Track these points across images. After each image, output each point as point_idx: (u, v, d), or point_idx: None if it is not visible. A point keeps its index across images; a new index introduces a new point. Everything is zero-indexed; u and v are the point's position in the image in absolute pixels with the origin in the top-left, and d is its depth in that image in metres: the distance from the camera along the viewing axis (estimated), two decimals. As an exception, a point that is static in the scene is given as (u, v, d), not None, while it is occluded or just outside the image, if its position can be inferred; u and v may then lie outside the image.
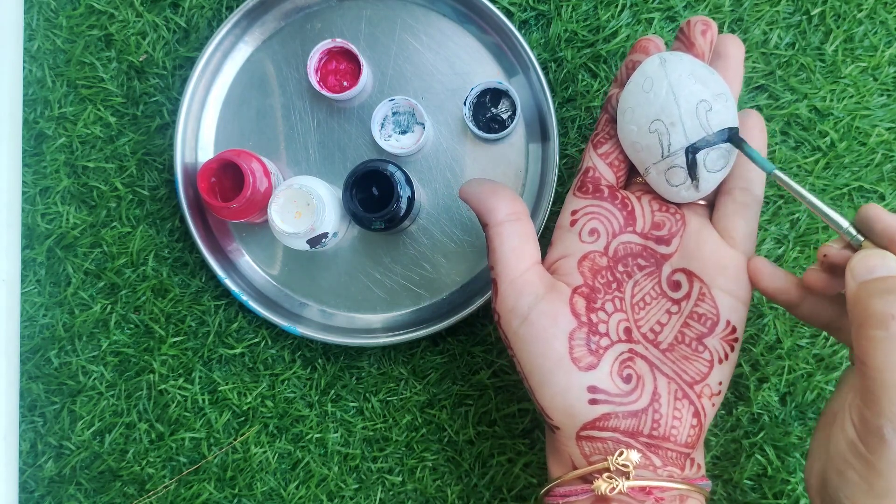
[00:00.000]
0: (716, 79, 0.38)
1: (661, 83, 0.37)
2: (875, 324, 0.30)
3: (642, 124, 0.38)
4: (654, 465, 0.36)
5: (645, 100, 0.38)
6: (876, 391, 0.31)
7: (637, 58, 0.40)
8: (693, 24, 0.39)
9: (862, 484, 0.32)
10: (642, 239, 0.39)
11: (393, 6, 0.50)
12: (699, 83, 0.37)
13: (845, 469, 0.32)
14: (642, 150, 0.38)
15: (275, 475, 0.50)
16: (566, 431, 0.37)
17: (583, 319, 0.37)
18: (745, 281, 0.38)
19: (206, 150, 0.51)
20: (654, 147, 0.38)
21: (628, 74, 0.40)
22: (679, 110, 0.37)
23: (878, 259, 0.32)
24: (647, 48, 0.40)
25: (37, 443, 0.52)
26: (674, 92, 0.37)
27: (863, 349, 0.31)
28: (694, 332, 0.38)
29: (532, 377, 0.37)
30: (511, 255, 0.38)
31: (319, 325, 0.50)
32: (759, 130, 0.40)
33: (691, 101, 0.37)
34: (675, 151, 0.37)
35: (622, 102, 0.39)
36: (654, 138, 0.38)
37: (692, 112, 0.37)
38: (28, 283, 0.52)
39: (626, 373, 0.37)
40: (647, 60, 0.38)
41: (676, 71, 0.37)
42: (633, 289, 0.39)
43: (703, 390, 0.37)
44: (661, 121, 0.37)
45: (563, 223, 0.40)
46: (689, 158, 0.37)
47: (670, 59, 0.38)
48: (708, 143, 0.37)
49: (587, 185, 0.40)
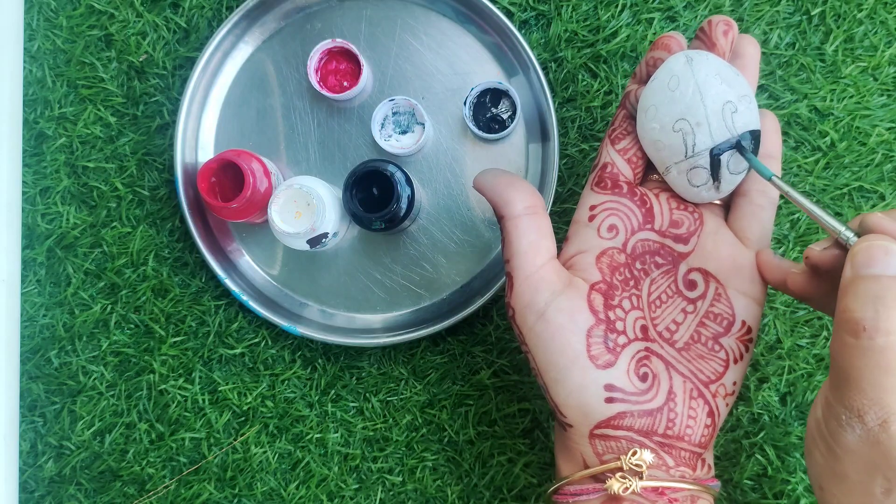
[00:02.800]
0: (740, 80, 0.37)
1: (688, 82, 0.37)
2: (849, 329, 0.30)
3: (666, 123, 0.37)
4: (666, 465, 0.36)
5: (670, 98, 0.37)
6: (840, 382, 0.31)
7: (659, 55, 0.39)
8: (715, 24, 0.39)
9: (825, 465, 0.32)
10: (660, 237, 0.39)
11: (393, 6, 0.50)
12: (725, 84, 0.37)
13: (813, 448, 0.33)
14: (664, 149, 0.38)
15: (275, 475, 0.50)
16: (579, 429, 0.36)
17: (601, 316, 0.37)
18: (760, 282, 0.38)
19: (206, 150, 0.51)
20: (677, 146, 0.37)
21: (649, 71, 0.40)
22: (706, 110, 0.36)
23: (882, 251, 0.30)
24: (669, 45, 0.39)
25: (37, 443, 0.52)
26: (700, 92, 0.36)
27: (835, 347, 0.31)
28: (710, 331, 0.38)
29: (547, 374, 0.37)
30: (528, 249, 0.38)
31: (319, 325, 0.50)
32: (774, 132, 0.40)
33: (718, 101, 0.36)
34: (700, 152, 0.37)
35: (644, 100, 0.38)
36: (678, 137, 0.37)
37: (718, 113, 0.36)
38: (28, 283, 0.52)
39: (642, 371, 0.36)
40: (673, 58, 0.38)
41: (703, 70, 0.37)
42: (650, 287, 0.38)
43: (719, 390, 0.37)
44: (687, 120, 0.37)
45: (580, 218, 0.40)
46: (714, 160, 0.37)
47: (697, 58, 0.37)
48: (732, 146, 0.37)
49: (606, 180, 0.39)
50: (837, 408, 0.31)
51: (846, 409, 0.30)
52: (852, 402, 0.30)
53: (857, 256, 0.31)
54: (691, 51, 0.38)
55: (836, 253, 0.34)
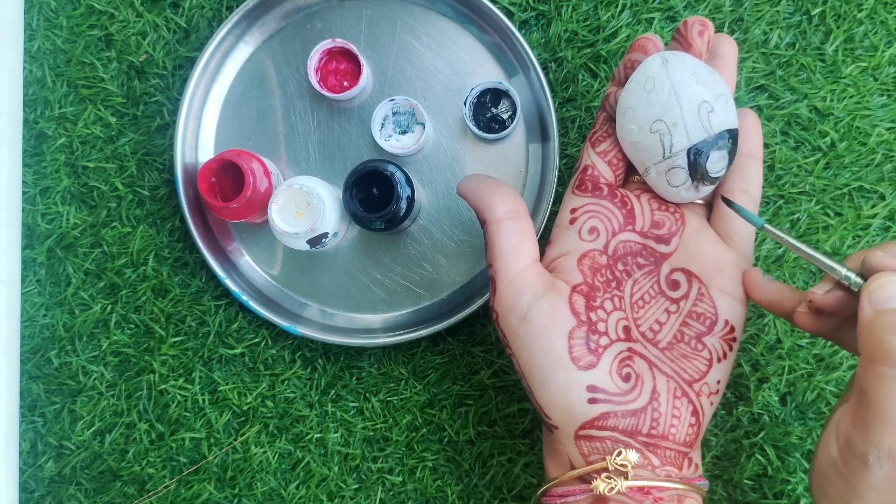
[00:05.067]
0: (716, 79, 0.38)
1: (664, 83, 0.37)
2: (887, 361, 0.30)
3: (643, 124, 0.38)
4: (652, 465, 0.36)
5: (646, 99, 0.38)
6: (870, 420, 0.31)
7: (636, 57, 0.40)
8: (690, 24, 0.39)
9: (841, 501, 0.32)
10: (642, 238, 0.39)
11: (393, 6, 0.50)
12: (701, 84, 0.37)
13: (826, 486, 0.33)
14: (643, 150, 0.38)
15: (275, 475, 0.50)
16: (564, 431, 0.37)
17: (582, 318, 0.37)
18: None
19: (206, 150, 0.51)
20: (655, 147, 0.38)
21: (627, 73, 0.40)
22: (681, 111, 0.37)
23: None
24: (645, 47, 0.40)
25: (37, 443, 0.52)
26: (676, 92, 0.37)
27: (867, 381, 0.31)
28: (693, 330, 0.38)
29: (531, 376, 0.37)
30: (510, 252, 0.38)
31: (319, 325, 0.50)
32: (756, 132, 0.41)
33: (693, 101, 0.37)
34: (677, 152, 0.37)
35: (622, 101, 0.39)
36: (656, 138, 0.37)
37: (694, 113, 0.37)
38: (28, 283, 0.52)
39: (625, 371, 0.37)
40: (649, 59, 0.38)
41: (679, 71, 0.37)
42: (633, 287, 0.39)
43: (702, 389, 0.37)
44: (663, 121, 0.37)
45: (561, 221, 0.40)
46: (691, 159, 0.37)
47: (672, 59, 0.38)
48: (709, 145, 0.37)
49: (586, 183, 0.40)
50: (864, 447, 0.31)
51: (876, 447, 0.30)
52: (883, 440, 0.30)
53: (874, 294, 0.32)
54: (667, 52, 0.39)
55: (839, 295, 0.34)
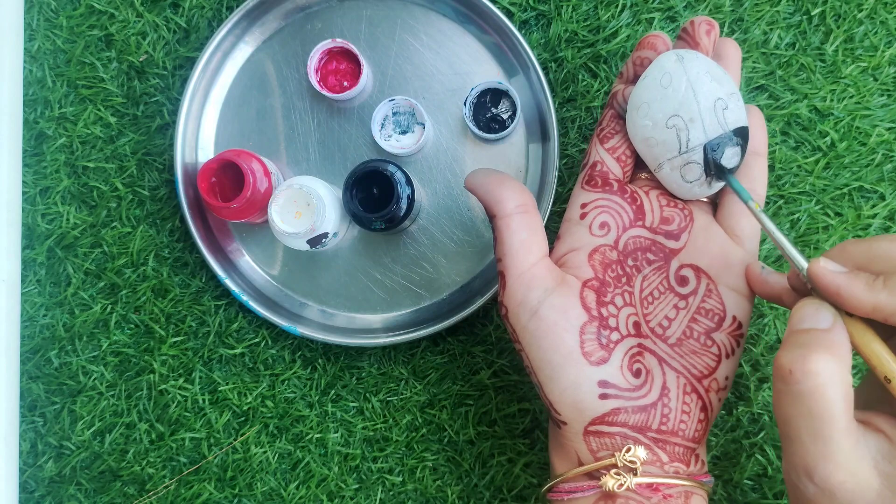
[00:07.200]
0: (728, 78, 0.38)
1: (681, 79, 0.37)
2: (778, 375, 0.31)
3: (658, 119, 0.38)
4: (660, 461, 0.36)
5: (662, 95, 0.38)
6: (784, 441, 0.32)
7: (645, 54, 0.40)
8: (697, 24, 0.40)
9: None
10: (651, 233, 0.39)
11: (393, 6, 0.50)
12: (715, 81, 0.37)
13: (790, 494, 0.34)
14: (657, 146, 0.38)
15: (275, 475, 0.50)
16: (574, 427, 0.36)
17: (594, 313, 0.37)
18: None
19: (206, 150, 0.51)
20: (671, 142, 0.38)
21: (636, 70, 0.40)
22: (699, 106, 0.37)
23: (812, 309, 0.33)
24: (655, 45, 0.40)
25: (37, 443, 0.52)
26: (693, 88, 0.37)
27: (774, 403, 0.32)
28: (702, 326, 0.38)
29: (541, 372, 0.37)
30: (520, 247, 0.38)
31: (319, 325, 0.50)
32: (761, 130, 0.41)
33: (710, 98, 0.37)
34: (694, 147, 0.37)
35: (635, 97, 0.39)
36: (672, 134, 0.37)
37: (711, 109, 0.37)
38: (28, 283, 0.52)
39: (635, 367, 0.37)
40: (663, 56, 0.38)
41: (695, 68, 0.37)
42: (642, 283, 0.39)
43: (711, 384, 0.37)
44: (680, 116, 0.37)
45: (571, 216, 0.40)
46: (708, 155, 0.37)
47: (687, 56, 0.38)
48: (725, 141, 0.37)
49: (596, 178, 0.40)
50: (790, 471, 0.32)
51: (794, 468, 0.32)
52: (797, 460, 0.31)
53: (793, 317, 0.33)
54: (680, 49, 0.39)
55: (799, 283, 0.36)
